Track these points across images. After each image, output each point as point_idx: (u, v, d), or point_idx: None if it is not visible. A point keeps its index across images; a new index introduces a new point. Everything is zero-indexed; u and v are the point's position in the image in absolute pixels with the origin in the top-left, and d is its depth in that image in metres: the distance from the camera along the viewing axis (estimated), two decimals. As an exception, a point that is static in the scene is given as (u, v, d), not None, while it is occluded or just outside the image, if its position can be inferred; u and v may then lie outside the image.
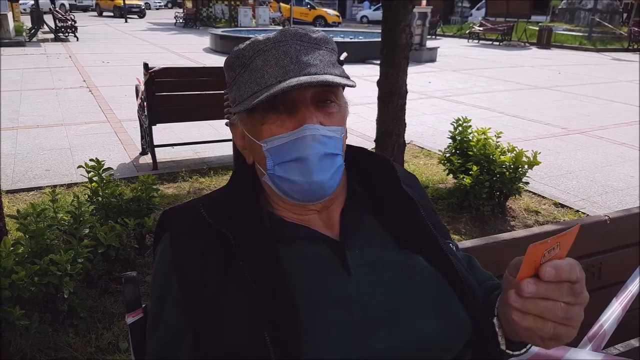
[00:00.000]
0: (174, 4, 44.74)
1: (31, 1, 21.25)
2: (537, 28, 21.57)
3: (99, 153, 5.11)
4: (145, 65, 4.65)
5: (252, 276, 0.79)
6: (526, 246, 1.43)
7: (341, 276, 0.84)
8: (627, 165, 5.46)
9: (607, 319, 0.90)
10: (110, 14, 31.92)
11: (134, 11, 31.56)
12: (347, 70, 0.92)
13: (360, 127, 6.34)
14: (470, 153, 3.98)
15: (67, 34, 17.47)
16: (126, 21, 27.21)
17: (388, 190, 0.97)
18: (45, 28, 18.62)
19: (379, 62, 4.14)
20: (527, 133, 6.75)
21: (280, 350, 0.74)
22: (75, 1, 37.16)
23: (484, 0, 29.87)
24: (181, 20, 25.76)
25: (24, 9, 25.35)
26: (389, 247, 0.91)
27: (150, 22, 28.35)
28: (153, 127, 4.85)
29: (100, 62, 12.26)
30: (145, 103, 4.78)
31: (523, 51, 18.99)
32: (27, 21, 20.18)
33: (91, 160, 3.14)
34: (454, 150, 4.17)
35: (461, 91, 9.94)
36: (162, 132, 5.43)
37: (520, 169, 3.79)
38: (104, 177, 3.11)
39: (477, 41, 22.39)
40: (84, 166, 3.14)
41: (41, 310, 2.40)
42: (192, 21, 25.08)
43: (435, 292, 0.86)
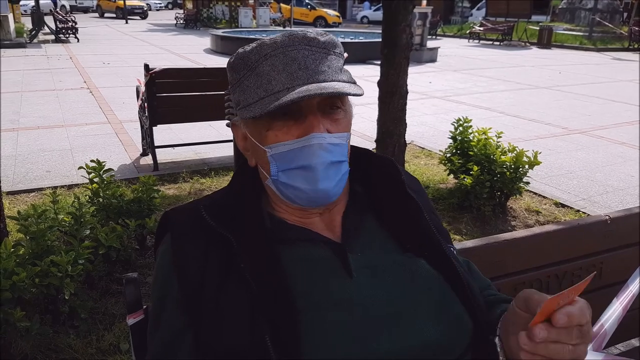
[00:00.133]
0: (175, 5, 44.80)
1: (32, 2, 21.25)
2: (538, 28, 21.57)
3: (100, 154, 5.12)
4: (146, 67, 4.65)
5: (252, 277, 0.79)
6: (527, 246, 1.44)
7: (343, 279, 0.83)
8: (627, 165, 5.45)
9: (608, 318, 0.90)
10: (112, 15, 31.91)
11: (136, 12, 31.58)
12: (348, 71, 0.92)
13: (361, 128, 6.34)
14: (470, 153, 3.97)
15: (67, 35, 17.49)
16: (127, 22, 27.24)
17: (390, 192, 0.96)
18: (46, 29, 18.66)
19: (379, 62, 4.14)
20: (528, 133, 6.75)
21: (281, 350, 0.73)
22: (75, 2, 37.20)
23: (484, 0, 29.87)
24: (181, 21, 25.77)
25: (25, 10, 25.38)
26: (390, 249, 0.91)
27: (151, 23, 28.37)
28: (154, 128, 4.86)
29: (100, 63, 12.27)
30: (145, 104, 4.79)
31: (523, 51, 18.99)
32: (27, 22, 20.21)
33: (92, 161, 3.14)
34: (454, 151, 4.17)
35: (462, 91, 9.94)
36: (162, 133, 5.43)
37: (520, 169, 3.79)
38: (104, 178, 3.11)
39: (477, 41, 22.39)
40: (84, 167, 3.14)
41: (42, 312, 2.40)
42: (192, 22, 25.09)
43: (438, 295, 0.86)
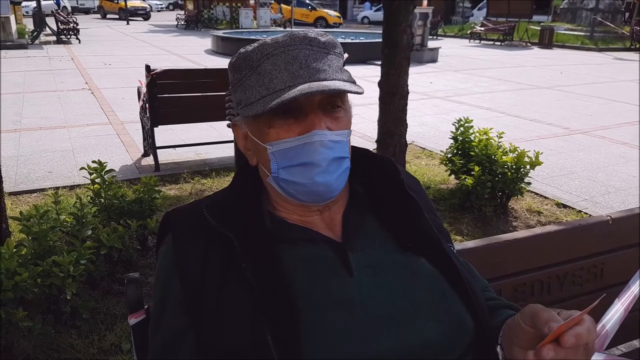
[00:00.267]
0: (176, 6, 44.83)
1: (33, 4, 21.29)
2: (539, 28, 21.56)
3: (101, 155, 5.12)
4: (147, 67, 4.66)
5: (253, 277, 0.79)
6: (528, 246, 1.43)
7: (343, 278, 0.84)
8: (629, 165, 5.45)
9: (609, 319, 0.90)
10: (115, 17, 31.86)
11: (139, 13, 31.60)
12: (348, 71, 0.92)
13: (362, 128, 6.34)
14: (472, 153, 3.97)
15: (69, 37, 17.52)
16: (128, 23, 27.27)
17: (390, 192, 0.97)
18: (48, 30, 18.69)
19: (380, 62, 4.14)
20: (529, 133, 6.74)
21: (281, 350, 0.74)
22: (77, 3, 37.25)
23: (485, 0, 29.86)
24: (182, 22, 25.80)
25: (27, 12, 25.41)
26: (390, 248, 0.91)
27: (152, 24, 28.40)
28: (155, 128, 4.87)
29: (102, 64, 12.29)
30: (147, 105, 4.79)
31: (525, 51, 18.98)
32: (29, 24, 20.24)
33: (93, 162, 3.15)
34: (455, 151, 4.16)
35: (463, 91, 9.93)
36: (163, 134, 5.44)
37: (522, 169, 3.78)
38: (106, 178, 3.12)
39: (478, 41, 22.38)
40: (86, 168, 3.15)
41: (44, 312, 2.41)
42: (193, 23, 25.11)
43: (438, 294, 0.86)
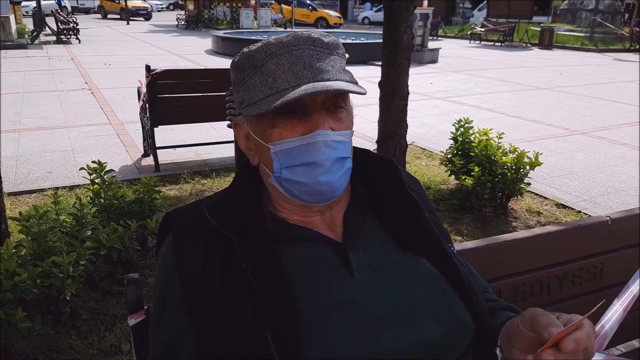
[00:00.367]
0: (176, 6, 44.85)
1: (33, 3, 21.29)
2: (539, 29, 21.57)
3: (101, 155, 5.12)
4: (147, 67, 4.66)
5: (254, 277, 0.79)
6: (527, 247, 1.43)
7: (344, 278, 0.84)
8: (629, 166, 5.45)
9: (609, 319, 0.90)
10: (116, 17, 31.78)
11: (140, 14, 31.59)
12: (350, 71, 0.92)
13: (362, 128, 6.34)
14: (472, 154, 3.97)
15: (69, 36, 17.52)
16: (128, 23, 27.27)
17: (391, 192, 0.97)
18: (47, 30, 18.69)
19: (380, 63, 4.14)
20: (529, 134, 6.74)
21: (282, 350, 0.74)
22: (77, 3, 37.24)
23: (485, 1, 29.87)
24: (183, 22, 25.81)
25: (26, 12, 25.42)
26: (391, 248, 0.91)
27: (152, 24, 28.40)
28: (155, 129, 4.87)
29: (102, 64, 12.29)
30: (147, 105, 4.79)
31: (525, 52, 18.98)
32: (29, 23, 20.24)
33: (93, 162, 3.14)
34: (455, 152, 4.17)
35: (463, 92, 9.94)
36: (164, 134, 5.44)
37: (522, 170, 3.78)
38: (106, 179, 3.12)
39: (478, 42, 22.39)
40: (86, 168, 3.15)
41: (43, 313, 2.40)
42: (193, 23, 25.12)
43: (439, 294, 0.86)
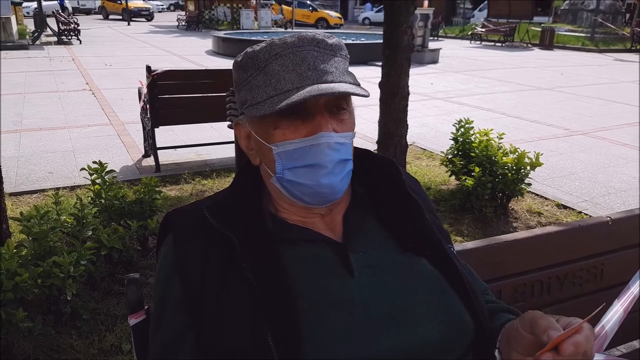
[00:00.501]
0: (176, 6, 44.85)
1: (34, 4, 21.31)
2: (540, 29, 21.56)
3: (102, 155, 5.12)
4: (148, 68, 4.66)
5: (254, 277, 0.79)
6: (528, 247, 1.43)
7: (344, 278, 0.84)
8: (629, 167, 5.45)
9: (609, 320, 0.90)
10: (118, 18, 31.66)
11: (143, 14, 31.58)
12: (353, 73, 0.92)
13: (362, 129, 6.34)
14: (472, 154, 3.97)
15: (70, 37, 17.53)
16: (129, 24, 27.28)
17: (391, 192, 0.97)
18: (48, 31, 18.70)
19: (380, 63, 4.15)
20: (530, 134, 6.74)
21: (282, 350, 0.74)
22: (77, 4, 37.25)
23: (486, 1, 29.86)
24: (183, 23, 25.82)
25: (27, 12, 25.43)
26: (391, 248, 0.91)
27: (153, 25, 28.41)
28: (156, 129, 4.87)
29: (103, 64, 12.30)
30: (147, 105, 4.80)
31: (525, 52, 18.98)
32: (30, 24, 20.25)
33: (94, 162, 3.15)
34: (456, 152, 4.16)
35: (463, 92, 9.93)
36: (164, 135, 5.44)
37: (522, 170, 3.78)
38: (106, 179, 3.12)
39: (479, 42, 22.39)
40: (86, 169, 3.15)
41: (44, 312, 2.41)
42: (194, 24, 25.12)
43: (438, 295, 0.86)
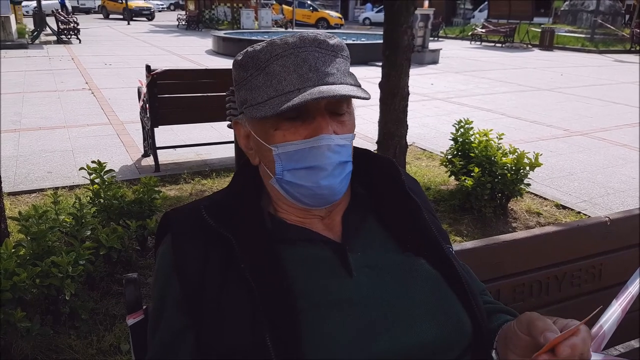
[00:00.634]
0: (177, 6, 44.85)
1: (34, 3, 21.31)
2: (540, 30, 21.56)
3: (101, 155, 5.12)
4: (148, 68, 4.66)
5: (253, 277, 0.79)
6: (527, 247, 1.43)
7: (343, 278, 0.84)
8: (628, 167, 5.45)
9: (607, 320, 0.90)
10: (119, 17, 31.52)
11: (144, 14, 31.55)
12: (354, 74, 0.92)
13: (362, 129, 6.34)
14: (472, 155, 3.97)
15: (69, 36, 17.53)
16: (129, 23, 27.27)
17: (390, 192, 0.97)
18: (48, 30, 18.69)
19: (381, 63, 4.15)
20: (529, 135, 6.74)
21: (281, 350, 0.74)
22: (77, 3, 37.24)
23: (486, 2, 29.87)
24: (183, 23, 25.82)
25: (27, 11, 25.43)
26: (390, 248, 0.91)
27: (153, 24, 28.41)
28: (155, 129, 4.87)
29: (102, 64, 12.29)
30: (147, 105, 4.79)
31: (525, 53, 18.98)
32: (29, 23, 20.25)
33: (93, 162, 3.14)
34: (455, 152, 4.17)
35: (463, 93, 9.94)
36: (164, 134, 5.44)
37: (521, 171, 3.78)
38: (105, 179, 3.12)
39: (479, 43, 22.39)
40: (85, 168, 3.14)
41: (43, 312, 2.40)
42: (194, 23, 25.12)
43: (437, 295, 0.86)
